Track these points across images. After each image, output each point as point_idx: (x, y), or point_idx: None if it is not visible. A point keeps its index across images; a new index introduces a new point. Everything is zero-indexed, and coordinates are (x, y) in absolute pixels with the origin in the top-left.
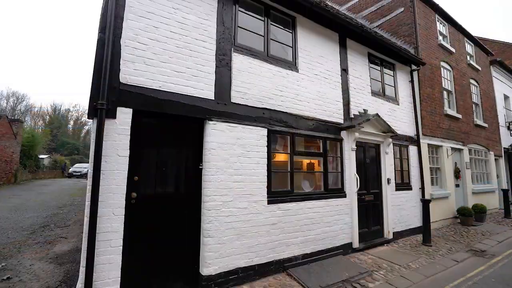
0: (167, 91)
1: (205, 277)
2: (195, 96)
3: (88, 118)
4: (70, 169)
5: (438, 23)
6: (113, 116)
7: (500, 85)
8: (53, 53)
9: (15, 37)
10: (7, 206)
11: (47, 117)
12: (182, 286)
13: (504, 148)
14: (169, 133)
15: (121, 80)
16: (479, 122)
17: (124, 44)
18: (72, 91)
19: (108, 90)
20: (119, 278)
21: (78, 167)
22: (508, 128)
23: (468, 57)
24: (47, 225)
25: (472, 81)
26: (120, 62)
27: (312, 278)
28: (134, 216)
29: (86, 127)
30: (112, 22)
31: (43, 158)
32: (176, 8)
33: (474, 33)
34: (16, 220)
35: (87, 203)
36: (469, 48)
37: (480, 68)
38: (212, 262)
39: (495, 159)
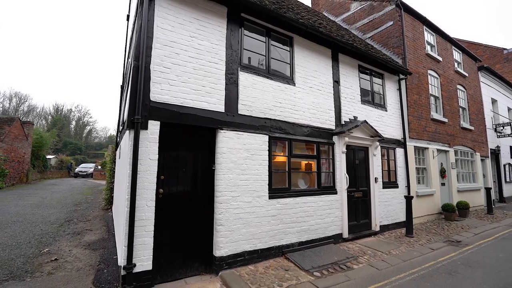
0: (187, 106)
1: (218, 258)
2: (209, 110)
3: (126, 129)
4: (76, 169)
5: (426, 33)
6: (145, 127)
7: (488, 90)
8: (55, 53)
9: (17, 38)
10: (28, 203)
11: (49, 117)
12: (199, 265)
13: (490, 149)
14: (188, 140)
15: (151, 99)
16: (466, 125)
17: (153, 69)
18: (73, 92)
19: (142, 107)
20: (151, 257)
21: (84, 167)
22: (495, 130)
23: (456, 64)
24: (70, 219)
25: (459, 86)
26: (150, 84)
27: (306, 261)
28: (161, 208)
29: (88, 128)
30: (144, 52)
31: (50, 159)
32: (192, 36)
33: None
34: (41, 215)
35: (127, 196)
36: (457, 55)
37: (467, 74)
38: (223, 246)
39: (482, 159)
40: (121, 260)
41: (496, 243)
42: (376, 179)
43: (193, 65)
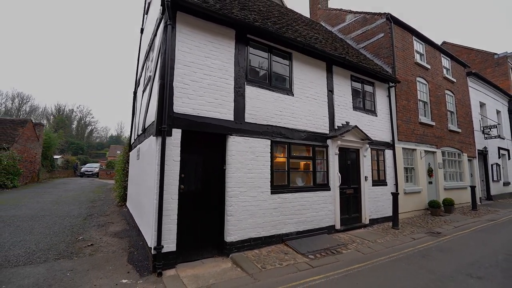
0: (202, 116)
1: (228, 243)
2: (220, 119)
3: (154, 136)
4: (82, 169)
5: (415, 43)
6: (169, 134)
7: (476, 94)
8: (56, 54)
9: (20, 39)
10: (47, 200)
11: (51, 117)
12: (212, 249)
13: (478, 150)
14: (203, 144)
15: (174, 110)
16: (453, 127)
17: (175, 86)
18: (75, 92)
19: (167, 118)
20: (175, 240)
21: (89, 167)
22: (483, 132)
23: (444, 71)
24: (91, 214)
25: (447, 92)
26: (173, 99)
27: (303, 247)
28: (181, 201)
29: (90, 128)
30: (168, 72)
31: (57, 159)
32: (207, 56)
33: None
34: (64, 210)
35: (156, 191)
36: (446, 62)
37: (455, 80)
38: (233, 233)
39: (469, 159)
40: (152, 242)
41: (471, 234)
42: (366, 178)
43: (207, 81)
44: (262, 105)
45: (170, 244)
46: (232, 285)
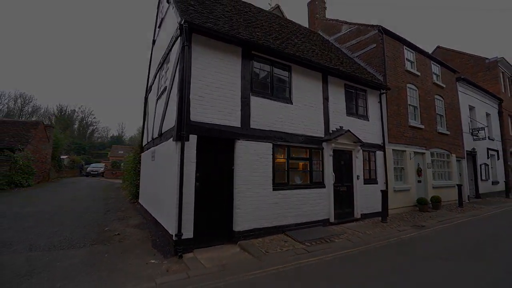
0: (214, 123)
1: (236, 232)
2: (229, 125)
3: (173, 140)
4: (88, 169)
5: (406, 51)
6: (187, 139)
7: (466, 98)
8: (58, 55)
9: (22, 39)
10: (64, 198)
11: (53, 117)
12: (222, 237)
13: (467, 151)
14: (215, 147)
15: (191, 119)
16: (442, 130)
17: (191, 98)
18: (76, 93)
19: (185, 125)
20: (192, 229)
21: (94, 167)
22: (472, 134)
23: (434, 77)
24: (108, 210)
25: (437, 96)
26: (190, 109)
27: (300, 236)
28: (197, 196)
29: (91, 128)
30: (186, 86)
31: (63, 159)
32: (217, 72)
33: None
34: (83, 207)
35: (177, 187)
36: (436, 68)
37: (445, 86)
38: (240, 224)
39: (458, 160)
40: (173, 230)
41: (450, 227)
42: (358, 177)
43: (218, 94)
44: (265, 113)
45: (188, 232)
46: (241, 264)
